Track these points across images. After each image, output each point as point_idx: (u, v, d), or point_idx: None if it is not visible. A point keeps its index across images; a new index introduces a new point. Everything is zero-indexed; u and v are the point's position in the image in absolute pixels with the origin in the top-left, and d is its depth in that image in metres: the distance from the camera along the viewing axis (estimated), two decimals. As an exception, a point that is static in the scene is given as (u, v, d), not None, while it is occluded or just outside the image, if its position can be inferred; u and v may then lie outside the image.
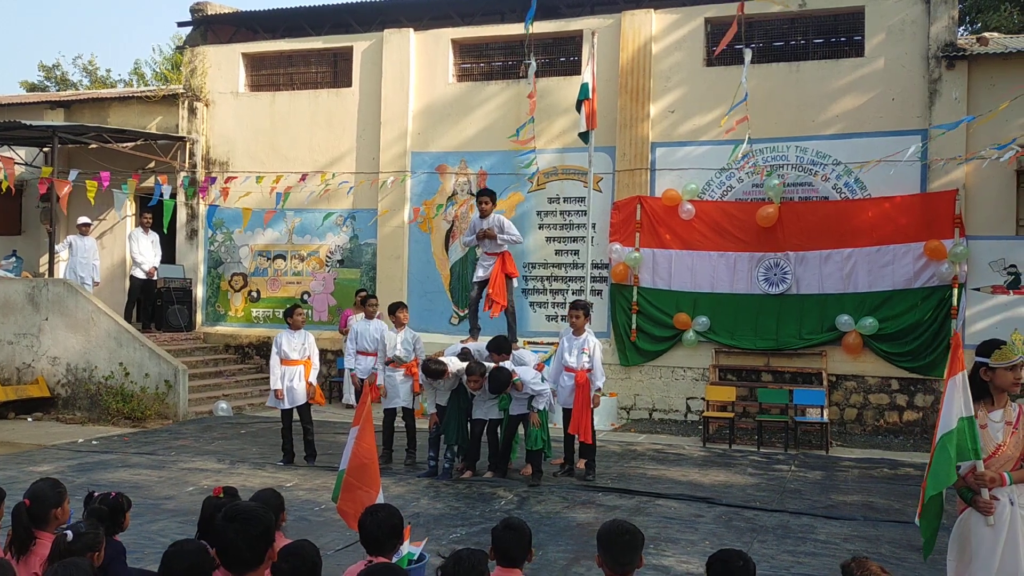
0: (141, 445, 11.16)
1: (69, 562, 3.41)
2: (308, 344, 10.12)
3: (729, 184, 13.50)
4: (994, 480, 4.25)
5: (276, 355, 10.00)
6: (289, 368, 9.97)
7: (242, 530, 3.16)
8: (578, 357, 9.29)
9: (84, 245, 15.29)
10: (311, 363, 10.12)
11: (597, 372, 9.23)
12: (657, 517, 7.86)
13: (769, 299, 13.09)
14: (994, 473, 4.26)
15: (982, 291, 12.30)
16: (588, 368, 9.22)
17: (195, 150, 16.62)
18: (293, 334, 10.03)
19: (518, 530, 3.83)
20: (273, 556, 3.27)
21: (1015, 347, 4.37)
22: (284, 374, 9.96)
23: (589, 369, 9.22)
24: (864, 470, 10.17)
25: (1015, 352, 4.34)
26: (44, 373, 13.73)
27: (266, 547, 3.20)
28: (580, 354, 9.29)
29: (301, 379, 10.01)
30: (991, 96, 11.86)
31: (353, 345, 10.92)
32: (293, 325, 10.02)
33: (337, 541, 6.76)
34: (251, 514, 3.24)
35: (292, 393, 9.98)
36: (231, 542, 3.16)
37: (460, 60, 15.42)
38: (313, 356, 10.19)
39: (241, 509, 3.28)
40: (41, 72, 34.29)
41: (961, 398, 4.34)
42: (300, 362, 10.01)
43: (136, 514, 6.69)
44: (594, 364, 9.22)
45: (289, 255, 16.14)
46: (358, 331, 10.90)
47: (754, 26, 13.67)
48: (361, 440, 5.04)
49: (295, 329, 10.02)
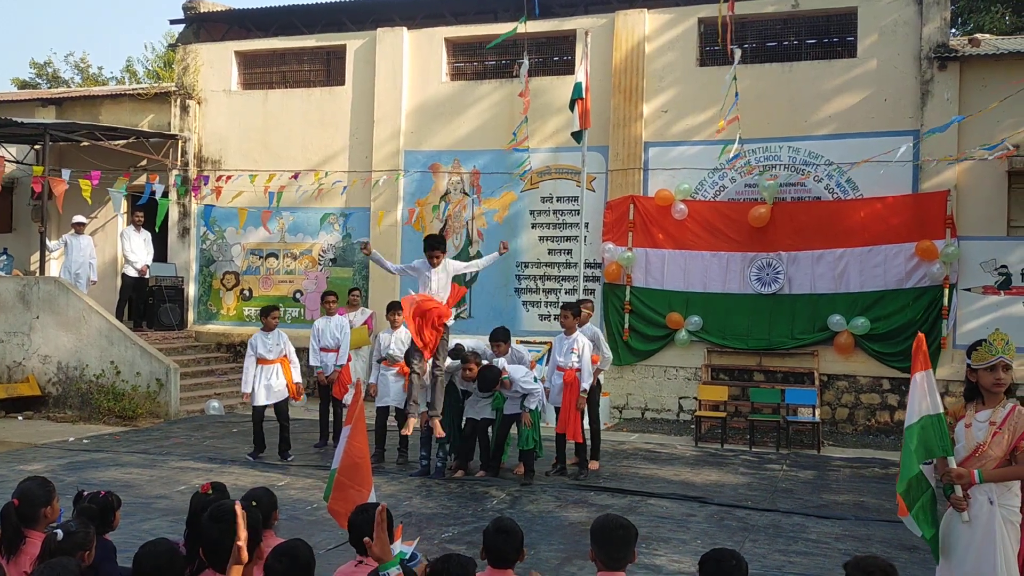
0: (132, 444, 11.12)
1: (56, 562, 3.39)
2: (283, 343, 10.32)
3: (722, 184, 13.52)
4: (961, 476, 4.30)
5: (251, 356, 10.18)
6: (266, 367, 10.16)
7: (228, 530, 3.14)
8: (567, 356, 9.32)
9: (80, 244, 15.23)
10: (288, 360, 10.31)
11: (584, 372, 9.23)
12: (649, 516, 7.87)
13: (761, 299, 13.12)
14: (962, 470, 4.31)
15: (973, 291, 12.35)
16: (577, 368, 9.23)
17: (187, 148, 16.57)
18: (268, 335, 10.22)
19: (510, 532, 3.83)
20: (261, 554, 3.25)
21: (993, 347, 4.38)
22: (261, 372, 10.13)
23: (578, 368, 9.22)
24: (855, 469, 10.20)
25: (992, 352, 4.35)
26: (35, 371, 13.67)
27: (253, 546, 3.18)
28: (569, 353, 9.31)
29: (279, 376, 10.21)
30: (983, 97, 11.90)
31: (316, 342, 10.98)
32: (267, 326, 10.21)
33: (329, 540, 6.75)
34: (224, 513, 3.22)
35: (269, 390, 10.16)
36: (216, 541, 3.15)
37: (453, 59, 15.41)
38: (290, 354, 10.38)
39: (227, 508, 3.26)
40: (33, 69, 34.17)
41: (926, 396, 4.41)
42: (276, 361, 10.21)
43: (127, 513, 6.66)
44: (582, 364, 9.22)
45: (281, 254, 16.10)
46: (319, 328, 11.02)
47: (747, 26, 13.70)
48: (353, 439, 5.02)
49: (269, 330, 10.20)
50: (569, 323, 9.38)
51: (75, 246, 15.15)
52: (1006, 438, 4.29)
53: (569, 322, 9.38)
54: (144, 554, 3.30)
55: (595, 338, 9.77)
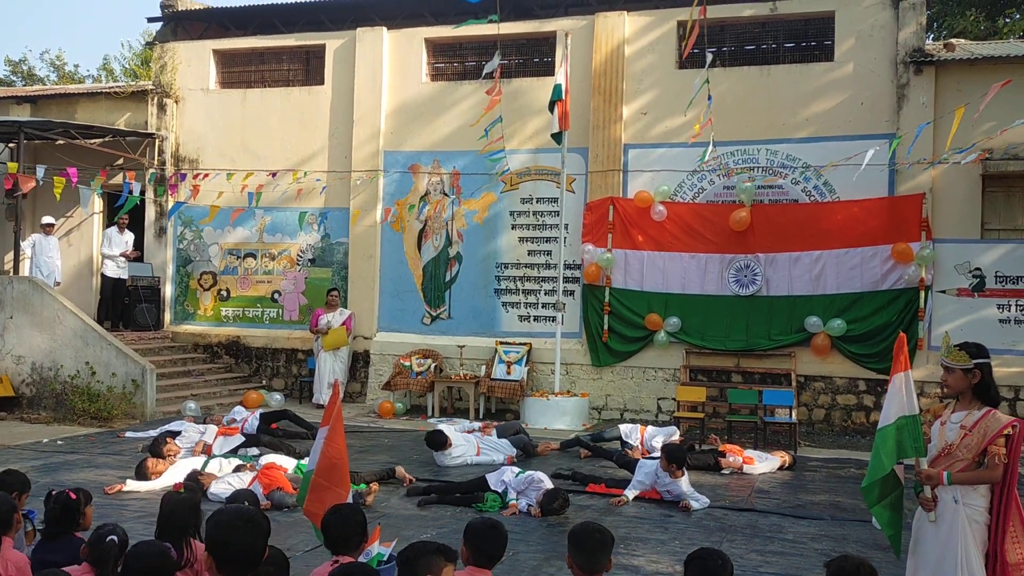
0: (107, 445, 11.02)
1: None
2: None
3: (700, 186, 13.59)
4: (931, 477, 4.37)
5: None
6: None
7: (255, 531, 3.06)
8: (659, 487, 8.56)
9: (48, 244, 15.09)
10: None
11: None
12: (627, 517, 7.89)
13: (739, 300, 13.19)
14: (932, 471, 4.39)
15: (948, 293, 12.48)
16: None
17: (164, 147, 16.43)
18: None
19: (497, 529, 3.84)
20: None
21: (945, 349, 4.49)
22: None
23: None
24: (831, 470, 10.27)
25: (942, 354, 4.49)
26: (8, 372, 13.50)
27: (264, 547, 3.14)
28: (664, 492, 8.52)
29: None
30: (958, 101, 11.98)
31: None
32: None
33: (305, 543, 6.71)
34: (255, 516, 3.16)
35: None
36: (247, 544, 3.05)
37: (433, 59, 15.38)
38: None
39: (247, 511, 3.20)
40: (7, 67, 33.76)
41: (904, 397, 4.48)
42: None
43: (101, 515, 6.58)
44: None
45: (260, 254, 16.00)
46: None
47: (725, 30, 13.79)
48: (331, 441, 5.00)
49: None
50: (674, 472, 8.42)
51: (43, 247, 15.01)
52: (975, 441, 4.35)
53: (674, 471, 8.41)
54: (135, 555, 3.25)
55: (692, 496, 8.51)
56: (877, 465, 4.52)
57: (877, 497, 4.55)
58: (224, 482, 8.21)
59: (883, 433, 4.52)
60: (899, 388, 4.51)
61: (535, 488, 8.02)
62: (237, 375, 15.71)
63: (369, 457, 10.20)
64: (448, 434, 9.87)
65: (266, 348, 15.73)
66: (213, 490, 8.03)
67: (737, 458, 9.89)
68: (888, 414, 4.52)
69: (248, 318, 15.97)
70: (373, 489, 8.19)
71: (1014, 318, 12.25)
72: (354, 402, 14.78)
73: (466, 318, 14.65)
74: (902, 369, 4.53)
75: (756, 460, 9.98)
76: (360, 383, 15.08)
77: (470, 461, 9.86)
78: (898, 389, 4.51)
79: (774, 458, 10.09)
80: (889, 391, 4.58)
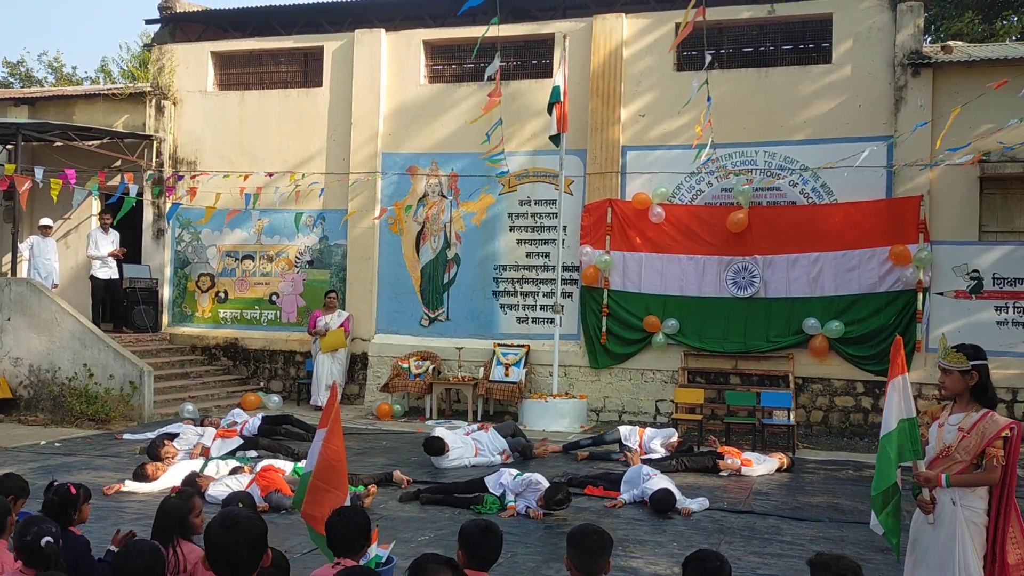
0: (105, 447, 11.00)
1: None
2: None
3: (699, 188, 13.60)
4: (929, 480, 4.38)
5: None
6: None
7: (242, 537, 3.08)
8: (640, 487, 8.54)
9: (45, 246, 15.07)
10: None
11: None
12: (625, 519, 7.88)
13: (737, 302, 13.20)
14: (930, 473, 4.39)
15: (945, 295, 12.50)
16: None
17: (162, 149, 16.43)
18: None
19: (493, 532, 3.84)
20: (266, 562, 3.21)
21: (942, 351, 4.49)
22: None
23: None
24: (829, 472, 10.27)
25: (939, 356, 4.48)
26: (6, 374, 13.49)
27: (262, 552, 3.15)
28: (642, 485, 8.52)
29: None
30: (955, 103, 12.03)
31: None
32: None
33: (303, 545, 6.70)
34: (248, 520, 3.16)
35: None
36: (229, 549, 3.07)
37: (432, 61, 15.39)
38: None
39: (239, 515, 3.21)
40: (5, 68, 33.74)
41: (902, 400, 4.48)
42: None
43: (99, 517, 6.58)
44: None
45: (258, 256, 15.99)
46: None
47: (723, 32, 13.80)
48: (329, 443, 4.99)
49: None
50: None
51: (41, 248, 14.98)
52: (973, 443, 4.36)
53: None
54: (128, 554, 3.25)
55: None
56: (884, 474, 4.49)
57: (882, 505, 4.55)
58: (222, 484, 8.20)
59: (887, 439, 4.48)
60: (898, 392, 4.51)
61: (533, 490, 8.02)
62: (235, 377, 15.70)
63: (367, 459, 10.19)
64: (445, 439, 9.87)
65: (264, 350, 15.72)
66: (211, 492, 8.03)
67: (735, 460, 9.90)
68: (889, 421, 4.50)
69: (246, 320, 15.96)
70: (371, 491, 8.19)
71: (1012, 320, 12.27)
72: (352, 404, 14.77)
73: (464, 320, 14.66)
74: (899, 372, 4.53)
75: (754, 462, 9.98)
76: (358, 385, 15.07)
77: (468, 463, 9.87)
78: (897, 393, 4.51)
79: (772, 460, 10.10)
80: (888, 396, 4.57)
